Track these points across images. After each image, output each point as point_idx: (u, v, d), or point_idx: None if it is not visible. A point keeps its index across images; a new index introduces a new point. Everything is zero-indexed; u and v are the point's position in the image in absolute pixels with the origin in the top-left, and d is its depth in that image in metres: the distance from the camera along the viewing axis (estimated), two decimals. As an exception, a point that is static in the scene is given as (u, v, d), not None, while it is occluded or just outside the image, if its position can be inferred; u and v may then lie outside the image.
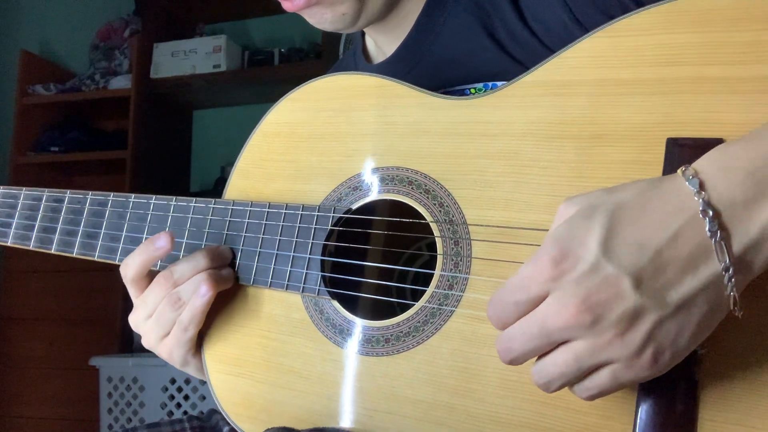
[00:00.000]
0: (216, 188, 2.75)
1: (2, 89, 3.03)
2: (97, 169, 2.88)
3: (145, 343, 0.75)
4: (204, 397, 2.21)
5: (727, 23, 0.54)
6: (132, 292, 0.74)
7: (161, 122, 2.87)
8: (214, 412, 0.81)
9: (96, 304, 2.72)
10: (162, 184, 2.77)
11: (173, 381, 2.23)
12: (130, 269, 0.72)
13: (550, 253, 0.46)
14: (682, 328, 0.45)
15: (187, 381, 2.22)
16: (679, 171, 0.47)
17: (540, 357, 0.49)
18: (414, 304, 0.64)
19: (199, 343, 0.75)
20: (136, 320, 0.74)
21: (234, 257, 0.74)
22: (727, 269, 0.45)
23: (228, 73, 2.71)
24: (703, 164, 0.47)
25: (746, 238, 0.45)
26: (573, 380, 0.48)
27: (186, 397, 2.22)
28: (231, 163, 2.92)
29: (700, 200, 0.45)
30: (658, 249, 0.45)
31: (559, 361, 0.47)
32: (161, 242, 0.71)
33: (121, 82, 2.79)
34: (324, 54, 2.55)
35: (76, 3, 3.15)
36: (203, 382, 2.21)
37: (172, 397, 2.23)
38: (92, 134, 2.93)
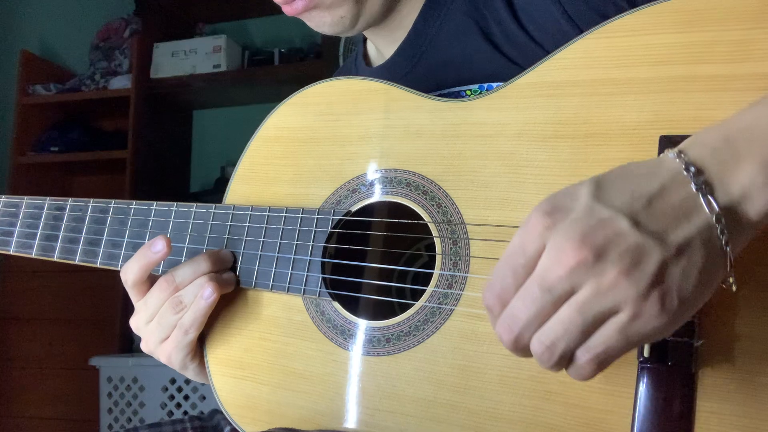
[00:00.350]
0: (216, 188, 2.75)
1: (2, 89, 3.03)
2: (97, 169, 2.88)
3: (144, 346, 0.75)
4: (204, 397, 2.21)
5: (717, 23, 0.55)
6: (133, 296, 0.74)
7: (161, 122, 2.87)
8: (216, 412, 0.81)
9: (96, 304, 2.72)
10: (162, 184, 2.78)
11: (173, 381, 2.24)
12: (129, 274, 0.72)
13: (539, 211, 0.46)
14: (686, 272, 0.43)
15: (187, 381, 2.22)
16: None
17: None
18: (414, 304, 0.64)
19: (198, 347, 0.75)
20: (137, 323, 0.74)
21: (235, 261, 0.74)
22: (719, 220, 0.45)
23: (228, 73, 2.71)
24: (683, 142, 0.48)
25: (728, 196, 0.45)
26: (578, 338, 0.44)
27: (186, 397, 2.22)
28: (231, 163, 2.92)
29: (681, 161, 0.46)
30: (649, 197, 0.45)
31: (562, 316, 0.44)
32: (158, 246, 0.71)
33: (121, 82, 2.79)
34: (324, 54, 2.56)
35: (76, 3, 3.15)
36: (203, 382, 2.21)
37: (172, 397, 2.23)
38: (92, 134, 2.93)
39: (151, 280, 0.73)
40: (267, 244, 0.73)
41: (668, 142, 0.54)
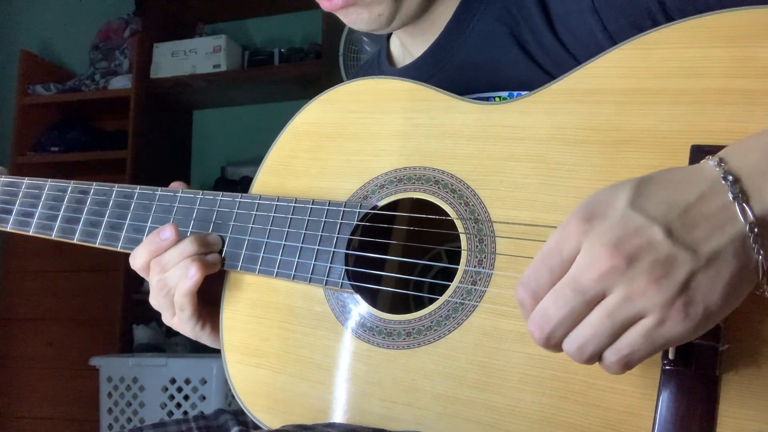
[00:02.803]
0: (216, 188, 2.75)
1: (2, 89, 3.03)
2: (97, 169, 2.88)
3: (163, 319, 0.79)
4: (204, 397, 2.21)
5: (752, 39, 0.56)
6: (145, 277, 0.78)
7: (161, 122, 2.87)
8: (222, 411, 0.81)
9: (96, 304, 2.72)
10: (162, 184, 2.76)
11: (173, 381, 2.24)
12: (137, 260, 0.76)
13: (577, 215, 0.48)
14: (714, 282, 0.45)
15: (187, 381, 2.22)
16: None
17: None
18: (437, 299, 0.65)
19: (208, 315, 0.77)
20: (152, 302, 0.78)
21: (222, 245, 0.76)
22: (752, 230, 0.46)
23: (228, 73, 2.71)
24: (721, 151, 0.50)
25: (764, 206, 0.47)
26: (606, 340, 0.47)
27: (186, 397, 2.22)
28: (231, 163, 2.92)
29: (721, 169, 0.48)
30: (685, 207, 0.46)
31: (593, 319, 0.47)
32: (166, 234, 0.74)
33: (121, 82, 2.80)
34: (324, 54, 2.56)
35: (76, 3, 3.15)
36: (204, 382, 2.21)
37: (172, 397, 2.23)
38: (92, 134, 2.93)
39: None
40: (291, 234, 0.73)
41: (700, 151, 0.55)
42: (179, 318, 0.76)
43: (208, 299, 0.77)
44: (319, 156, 0.76)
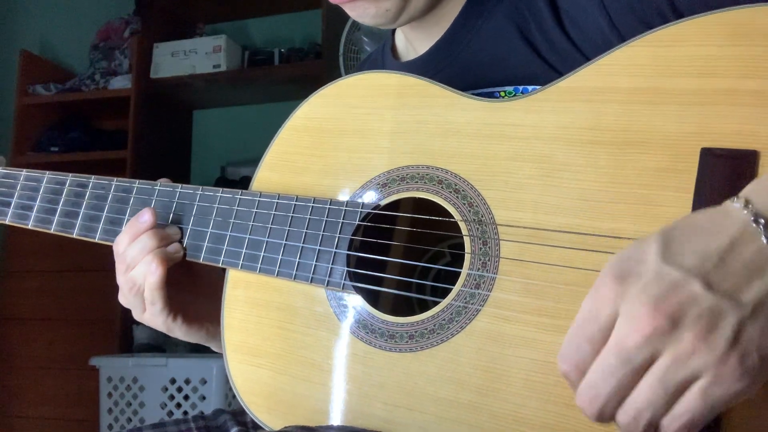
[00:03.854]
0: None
1: (2, 89, 3.03)
2: (97, 169, 2.83)
3: (134, 315, 0.80)
4: (204, 397, 2.21)
5: (763, 38, 0.54)
6: (119, 267, 0.79)
7: (161, 122, 2.87)
8: (221, 412, 0.81)
9: (96, 304, 2.72)
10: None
11: (173, 381, 2.23)
12: (120, 246, 0.77)
13: (609, 276, 0.45)
14: (764, 329, 0.43)
15: (187, 381, 2.22)
16: (725, 201, 0.47)
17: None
18: (440, 301, 0.64)
19: (179, 308, 0.78)
20: (121, 299, 0.79)
21: (182, 235, 0.78)
22: None
23: (228, 73, 2.71)
24: (744, 190, 0.48)
25: None
26: (661, 409, 0.44)
27: (186, 397, 2.22)
28: (231, 163, 2.92)
29: (749, 212, 0.45)
30: (719, 255, 0.44)
31: (644, 388, 0.44)
32: (144, 218, 0.76)
33: (121, 82, 2.80)
34: (324, 54, 2.55)
35: (76, 3, 3.15)
36: (204, 382, 2.21)
37: (172, 397, 2.23)
38: (92, 134, 2.93)
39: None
40: (292, 233, 0.72)
41: (710, 154, 0.54)
42: (150, 312, 0.77)
43: (177, 290, 0.78)
44: (320, 152, 0.75)
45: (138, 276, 0.75)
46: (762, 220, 0.45)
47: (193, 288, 0.83)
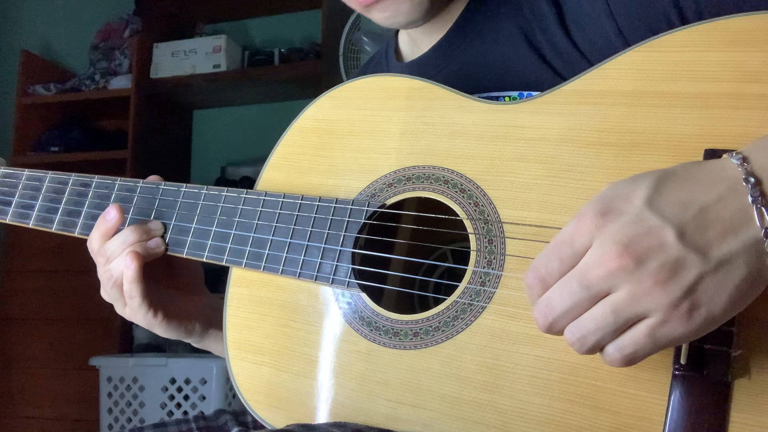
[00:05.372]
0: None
1: (2, 89, 3.03)
2: (97, 169, 2.84)
3: (117, 310, 0.81)
4: (204, 397, 2.21)
5: (766, 44, 0.56)
6: (97, 261, 0.80)
7: (161, 122, 2.87)
8: (222, 412, 0.81)
9: (96, 304, 2.69)
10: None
11: (173, 381, 2.23)
12: (93, 242, 0.79)
13: (593, 208, 0.48)
14: (720, 287, 0.45)
15: (187, 381, 2.22)
16: (724, 155, 0.49)
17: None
18: (444, 299, 0.64)
19: (158, 303, 0.78)
20: (103, 295, 0.80)
21: (165, 231, 0.78)
22: (767, 235, 0.45)
23: (228, 73, 2.71)
24: (745, 146, 0.49)
25: None
26: (608, 336, 0.47)
27: (186, 397, 2.22)
28: (231, 163, 2.91)
29: (743, 170, 0.47)
30: (702, 208, 0.46)
31: (596, 313, 0.47)
32: (111, 215, 0.78)
33: (121, 82, 2.80)
34: (324, 54, 2.55)
35: (76, 3, 3.15)
36: (204, 382, 2.21)
37: (172, 397, 2.23)
38: (92, 134, 2.93)
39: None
40: (297, 231, 0.73)
41: (714, 155, 0.54)
42: (130, 307, 0.78)
43: (158, 286, 0.79)
44: (326, 153, 0.75)
45: (115, 269, 0.76)
46: (752, 179, 0.47)
47: (174, 284, 0.83)
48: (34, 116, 2.87)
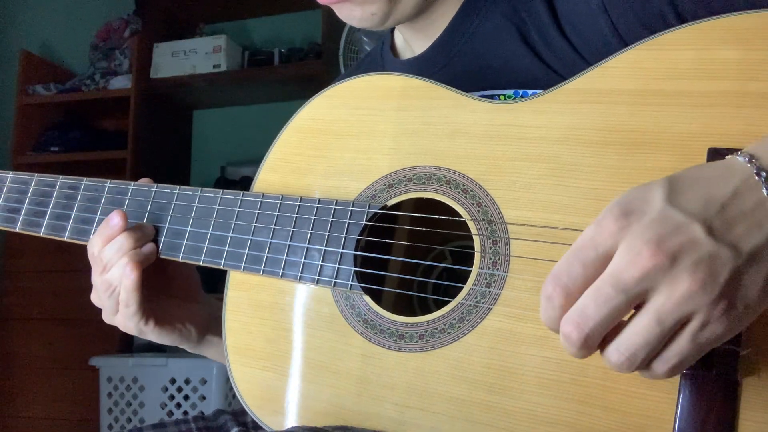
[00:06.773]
0: (216, 188, 2.75)
1: (2, 89, 3.03)
2: (97, 169, 2.88)
3: (104, 318, 0.80)
4: (204, 397, 2.21)
5: (766, 41, 0.55)
6: (95, 268, 0.79)
7: (161, 122, 2.87)
8: (222, 412, 0.81)
9: (96, 304, 2.71)
10: (162, 183, 2.77)
11: (173, 381, 2.24)
12: (93, 247, 0.77)
13: (613, 212, 0.46)
14: (753, 281, 0.44)
15: (187, 381, 2.22)
16: (728, 155, 0.49)
17: (610, 336, 0.46)
18: (449, 301, 0.64)
19: (150, 310, 0.77)
20: (94, 299, 0.79)
21: (159, 234, 0.78)
22: None
23: (228, 73, 2.71)
24: (750, 145, 0.49)
25: None
26: (657, 348, 0.45)
27: (186, 397, 2.22)
28: (231, 163, 2.91)
29: (753, 166, 0.46)
30: (723, 203, 0.45)
31: (641, 326, 0.45)
32: (114, 221, 0.76)
33: (121, 82, 2.80)
34: (324, 54, 2.56)
35: (76, 3, 3.15)
36: (204, 382, 2.21)
37: (172, 397, 2.23)
38: (92, 134, 2.93)
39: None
40: (297, 234, 0.72)
41: (717, 153, 0.54)
42: (123, 315, 0.76)
43: (150, 292, 0.78)
44: (324, 153, 0.74)
45: (114, 278, 0.75)
46: (764, 173, 0.46)
47: (167, 290, 0.82)
48: (34, 116, 2.87)
